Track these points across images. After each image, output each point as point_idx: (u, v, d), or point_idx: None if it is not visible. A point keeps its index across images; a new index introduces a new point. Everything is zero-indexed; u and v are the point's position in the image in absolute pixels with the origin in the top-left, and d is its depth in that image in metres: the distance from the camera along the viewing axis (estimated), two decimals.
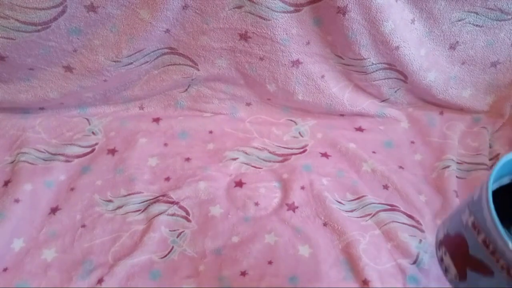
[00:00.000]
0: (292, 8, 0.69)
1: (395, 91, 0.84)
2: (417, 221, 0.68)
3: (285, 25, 0.70)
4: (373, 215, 0.69)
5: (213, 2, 0.67)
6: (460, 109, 0.86)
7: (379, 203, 0.70)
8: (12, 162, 0.73)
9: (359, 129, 0.85)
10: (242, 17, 0.70)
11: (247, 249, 0.64)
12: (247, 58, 0.76)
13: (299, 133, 0.84)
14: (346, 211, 0.69)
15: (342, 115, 0.85)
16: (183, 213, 0.68)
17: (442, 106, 0.87)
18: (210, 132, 0.83)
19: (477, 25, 0.75)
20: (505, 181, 0.37)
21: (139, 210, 0.68)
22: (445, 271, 0.36)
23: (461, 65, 0.81)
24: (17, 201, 0.66)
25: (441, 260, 0.37)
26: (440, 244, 0.38)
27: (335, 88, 0.82)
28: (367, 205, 0.70)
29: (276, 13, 0.68)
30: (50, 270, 0.61)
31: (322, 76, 0.80)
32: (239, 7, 0.68)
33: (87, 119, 0.82)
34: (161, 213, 0.67)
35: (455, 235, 0.35)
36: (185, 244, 0.65)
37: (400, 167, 0.78)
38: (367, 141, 0.82)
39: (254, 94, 0.85)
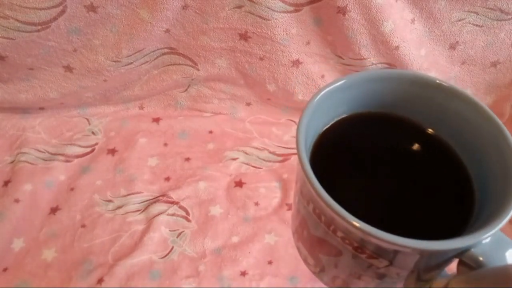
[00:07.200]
0: (292, 8, 0.69)
1: None
2: None
3: (285, 25, 0.70)
4: None
5: (213, 2, 0.67)
6: None
7: None
8: (12, 162, 0.73)
9: None
10: (242, 17, 0.70)
11: (247, 249, 0.64)
12: (247, 58, 0.76)
13: None
14: None
15: None
16: (183, 213, 0.68)
17: None
18: (210, 132, 0.83)
19: (477, 25, 0.75)
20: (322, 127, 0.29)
21: (139, 210, 0.68)
22: (307, 263, 0.29)
23: (461, 65, 0.81)
24: (17, 201, 0.66)
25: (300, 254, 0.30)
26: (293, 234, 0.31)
27: None
28: None
29: (276, 13, 0.68)
30: (50, 270, 0.61)
31: (322, 76, 0.80)
32: (239, 7, 0.68)
33: (87, 119, 0.82)
34: (161, 213, 0.67)
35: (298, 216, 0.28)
36: (185, 244, 0.65)
37: None
38: None
39: (254, 94, 0.84)
